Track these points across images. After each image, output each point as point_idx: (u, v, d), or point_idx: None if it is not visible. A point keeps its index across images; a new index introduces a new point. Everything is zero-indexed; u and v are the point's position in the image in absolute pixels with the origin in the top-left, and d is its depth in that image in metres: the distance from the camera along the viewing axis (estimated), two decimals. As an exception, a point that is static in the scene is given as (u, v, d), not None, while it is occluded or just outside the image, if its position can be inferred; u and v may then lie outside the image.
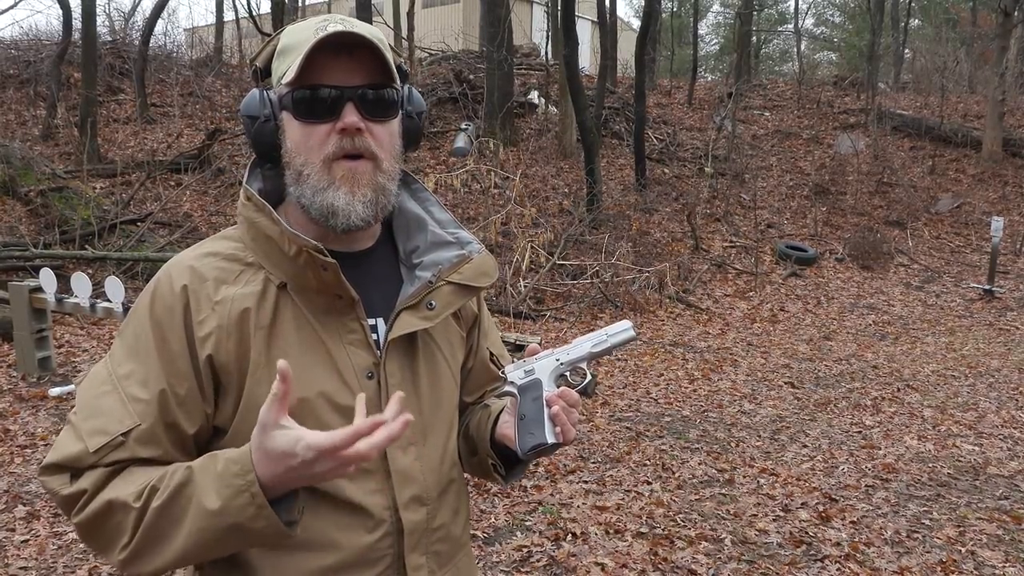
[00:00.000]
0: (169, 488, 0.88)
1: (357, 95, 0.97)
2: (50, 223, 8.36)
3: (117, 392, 0.95)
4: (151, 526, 0.88)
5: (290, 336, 0.98)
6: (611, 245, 9.61)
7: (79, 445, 0.92)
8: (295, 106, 0.98)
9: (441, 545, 1.08)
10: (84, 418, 0.94)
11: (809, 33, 31.69)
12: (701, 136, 14.94)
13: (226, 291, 0.98)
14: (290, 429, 0.82)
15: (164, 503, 0.88)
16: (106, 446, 0.92)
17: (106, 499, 0.90)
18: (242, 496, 0.85)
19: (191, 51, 18.36)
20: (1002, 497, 3.98)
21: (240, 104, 1.03)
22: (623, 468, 4.29)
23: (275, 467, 0.84)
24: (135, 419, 0.93)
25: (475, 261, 1.09)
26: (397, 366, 1.04)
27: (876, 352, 7.47)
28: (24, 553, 3.18)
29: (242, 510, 0.85)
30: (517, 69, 14.51)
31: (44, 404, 4.98)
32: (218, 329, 0.96)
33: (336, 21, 0.98)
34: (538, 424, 1.01)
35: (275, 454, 0.83)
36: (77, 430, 0.94)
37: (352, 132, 0.97)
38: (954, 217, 13.19)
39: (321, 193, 0.98)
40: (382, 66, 0.98)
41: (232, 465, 0.87)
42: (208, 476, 0.88)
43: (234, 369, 0.96)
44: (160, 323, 0.96)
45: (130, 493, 0.89)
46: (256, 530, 0.87)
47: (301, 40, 0.98)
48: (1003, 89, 14.49)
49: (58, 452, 0.93)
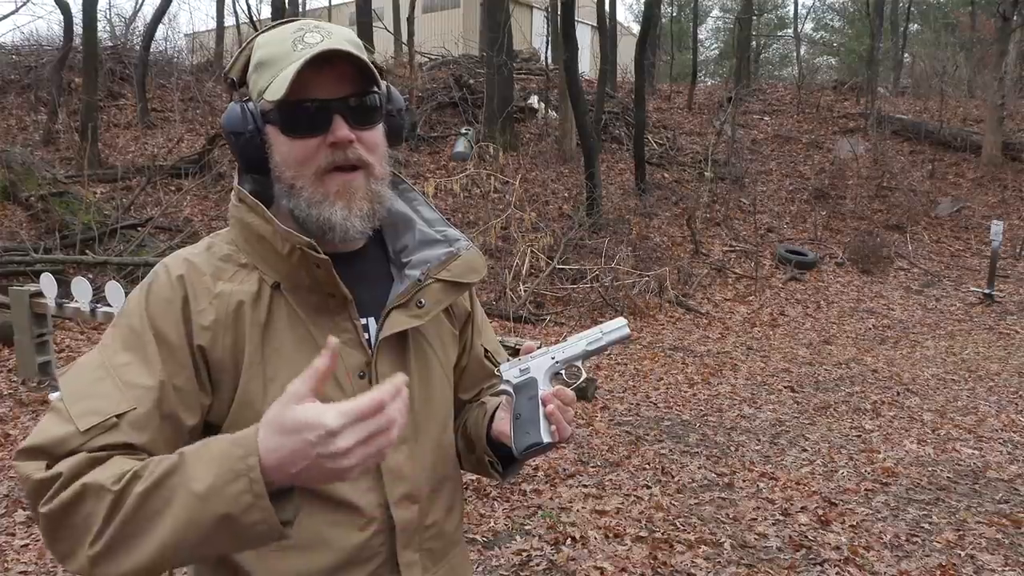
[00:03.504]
0: (155, 474, 0.81)
1: (344, 107, 0.97)
2: (51, 228, 8.36)
3: (112, 379, 0.91)
4: (130, 515, 0.80)
5: (284, 334, 0.99)
6: (611, 249, 9.62)
7: (66, 427, 0.86)
8: (282, 122, 0.98)
9: (434, 542, 1.09)
10: (73, 401, 0.88)
11: (809, 38, 31.76)
12: (701, 140, 14.96)
13: (223, 286, 0.98)
14: (315, 403, 0.77)
15: (147, 488, 0.80)
16: (97, 427, 0.86)
17: (81, 483, 0.81)
18: (239, 481, 0.78)
19: (192, 56, 18.44)
20: (1002, 501, 3.97)
21: (222, 118, 1.03)
22: (623, 472, 4.29)
23: (289, 442, 0.76)
24: (131, 403, 0.89)
25: (463, 258, 1.10)
26: (388, 365, 1.04)
27: (876, 356, 7.47)
28: (24, 557, 3.19)
29: (236, 498, 0.78)
30: (517, 74, 14.54)
31: (44, 409, 4.98)
32: (215, 324, 0.96)
33: (311, 29, 0.98)
34: (534, 423, 1.02)
35: (295, 425, 0.76)
36: (64, 413, 0.87)
37: (344, 145, 0.97)
38: (954, 221, 13.19)
39: (317, 207, 0.99)
40: (363, 72, 0.98)
41: (234, 447, 0.80)
42: (201, 459, 0.80)
43: (229, 365, 0.97)
44: (157, 315, 0.95)
45: (108, 476, 0.81)
46: (248, 524, 0.79)
47: (279, 54, 0.97)
48: (1002, 93, 14.50)
49: (40, 435, 0.86)
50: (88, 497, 0.81)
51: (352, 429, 0.76)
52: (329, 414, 0.75)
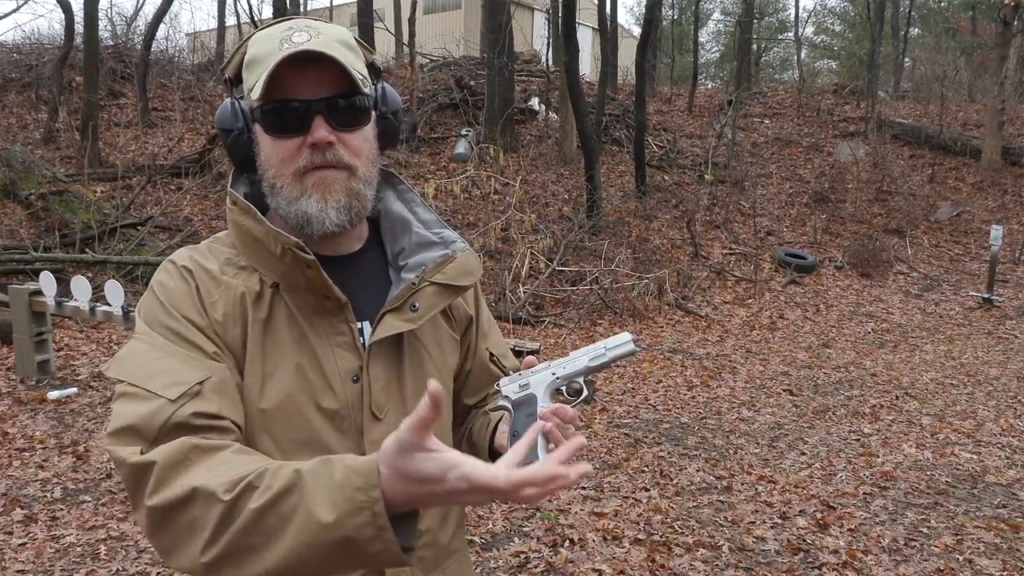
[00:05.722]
0: (272, 489, 0.78)
1: (325, 107, 0.97)
2: (50, 226, 8.37)
3: (174, 357, 0.91)
4: (245, 529, 0.78)
5: (283, 333, 0.99)
6: (611, 251, 9.62)
7: (152, 402, 0.86)
8: (264, 121, 0.98)
9: (425, 551, 1.07)
10: (147, 379, 0.88)
11: (809, 41, 31.79)
12: (701, 143, 14.96)
13: (228, 280, 0.99)
14: (438, 452, 0.74)
15: (264, 505, 0.78)
16: (185, 394, 0.86)
17: (189, 485, 0.80)
18: (362, 514, 0.76)
19: (193, 56, 18.43)
20: (1000, 505, 3.98)
21: (216, 115, 1.03)
22: (621, 474, 4.29)
23: (414, 489, 0.75)
24: (205, 372, 0.90)
25: (458, 260, 1.09)
26: (382, 369, 1.03)
27: (875, 360, 7.47)
28: (21, 556, 3.18)
29: (360, 529, 0.76)
30: (518, 75, 14.54)
31: (43, 407, 4.98)
32: (225, 317, 0.97)
33: (301, 28, 0.98)
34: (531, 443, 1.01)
35: (419, 477, 0.74)
36: (141, 394, 0.87)
37: (323, 146, 0.97)
38: (953, 225, 13.20)
39: (295, 203, 0.99)
40: (349, 74, 0.97)
41: (354, 476, 0.77)
42: (321, 483, 0.78)
43: (238, 357, 0.97)
44: (179, 304, 0.96)
45: (219, 484, 0.79)
46: (370, 552, 0.78)
47: (266, 52, 0.97)
48: (1002, 98, 14.52)
49: (125, 417, 0.85)
50: (197, 501, 0.80)
51: (480, 494, 0.74)
52: (454, 474, 0.73)
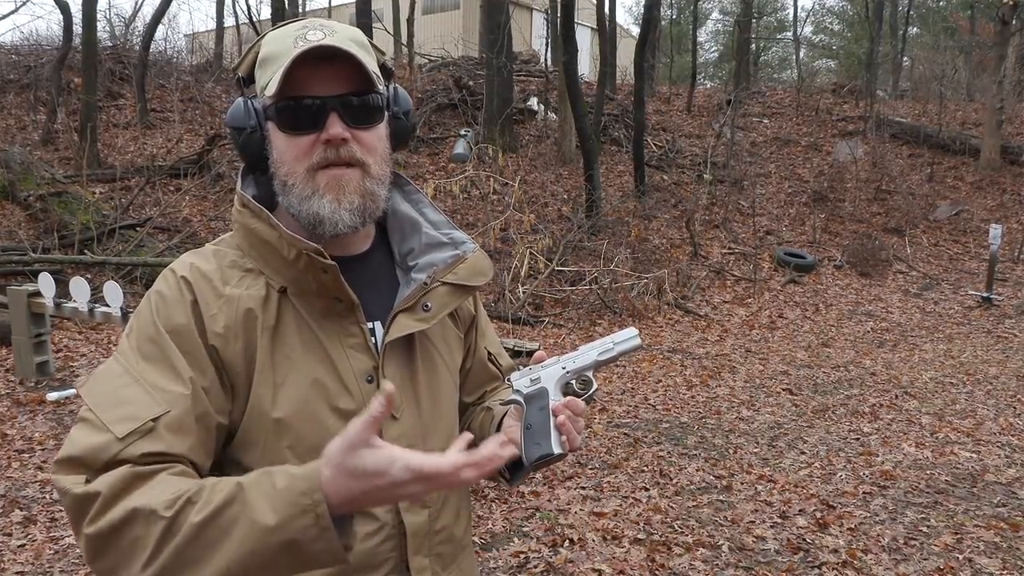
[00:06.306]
0: (212, 503, 0.79)
1: (340, 104, 0.97)
2: (49, 228, 8.37)
3: (140, 384, 0.89)
4: (187, 543, 0.79)
5: (293, 339, 0.98)
6: (610, 251, 9.62)
7: (101, 435, 0.85)
8: (279, 118, 0.98)
9: (444, 547, 1.09)
10: (104, 409, 0.87)
11: (808, 41, 31.81)
12: (700, 143, 14.97)
13: (230, 291, 0.97)
14: (381, 448, 0.78)
15: (206, 519, 0.79)
16: (135, 432, 0.84)
17: (130, 507, 0.80)
18: (306, 516, 0.78)
19: (191, 57, 18.44)
20: (1000, 504, 3.98)
21: (227, 114, 1.03)
22: (621, 474, 4.28)
23: (356, 485, 0.78)
24: (164, 406, 0.88)
25: (469, 261, 1.09)
26: (395, 369, 1.04)
27: (874, 359, 7.47)
28: (20, 558, 3.18)
29: (304, 531, 0.78)
30: (517, 75, 14.54)
31: (42, 409, 4.98)
32: (226, 330, 0.95)
33: (316, 27, 0.98)
34: (544, 434, 1.02)
35: (362, 472, 0.77)
36: (95, 422, 0.86)
37: (337, 143, 0.97)
38: (952, 224, 13.21)
39: (307, 202, 0.98)
40: (364, 72, 0.98)
41: (298, 482, 0.79)
42: (263, 492, 0.79)
43: (241, 371, 0.96)
44: (171, 318, 0.94)
45: (160, 502, 0.80)
46: (312, 552, 0.80)
47: (281, 51, 0.97)
48: (1001, 97, 14.52)
49: (74, 446, 0.85)
50: (138, 521, 0.80)
51: (420, 483, 0.78)
52: (396, 466, 0.77)
